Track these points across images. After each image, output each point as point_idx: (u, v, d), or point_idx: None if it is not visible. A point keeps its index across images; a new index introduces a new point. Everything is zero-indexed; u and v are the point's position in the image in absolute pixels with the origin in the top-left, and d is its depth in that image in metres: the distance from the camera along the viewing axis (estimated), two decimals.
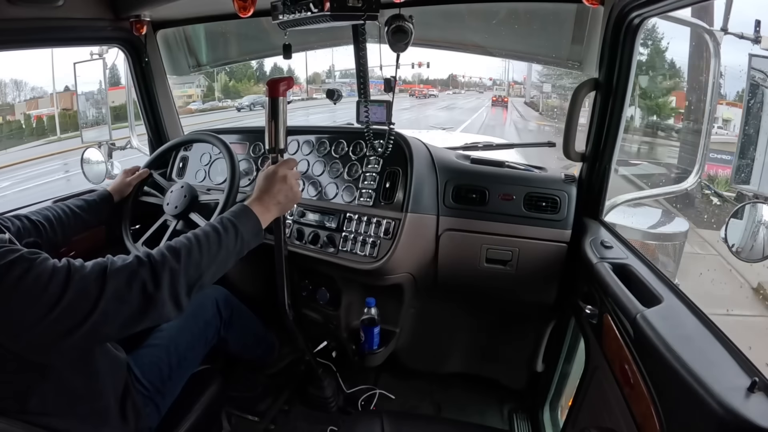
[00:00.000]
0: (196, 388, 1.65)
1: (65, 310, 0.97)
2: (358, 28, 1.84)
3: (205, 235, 1.21)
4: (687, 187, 1.72)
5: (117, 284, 1.03)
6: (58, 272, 1.00)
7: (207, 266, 1.18)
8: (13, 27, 1.74)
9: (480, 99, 34.28)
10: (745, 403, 0.80)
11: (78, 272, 1.02)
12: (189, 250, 1.15)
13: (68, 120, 15.65)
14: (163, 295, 1.08)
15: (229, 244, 1.25)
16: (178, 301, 1.12)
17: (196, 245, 1.17)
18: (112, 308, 1.02)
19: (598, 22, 1.65)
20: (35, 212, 1.67)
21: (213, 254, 1.20)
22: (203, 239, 1.20)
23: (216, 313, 1.81)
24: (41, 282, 0.97)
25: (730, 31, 1.66)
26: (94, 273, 1.03)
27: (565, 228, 1.78)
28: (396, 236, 1.76)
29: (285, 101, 1.60)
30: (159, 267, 1.09)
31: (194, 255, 1.16)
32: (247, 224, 1.31)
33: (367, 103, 1.81)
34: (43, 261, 1.01)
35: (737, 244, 1.38)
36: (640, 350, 1.11)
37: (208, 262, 1.19)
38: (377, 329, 1.98)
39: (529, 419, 2.19)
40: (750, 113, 1.52)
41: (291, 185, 1.44)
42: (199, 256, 1.17)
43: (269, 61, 18.05)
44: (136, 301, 1.05)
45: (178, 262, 1.12)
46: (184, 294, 1.12)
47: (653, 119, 8.86)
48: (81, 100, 2.52)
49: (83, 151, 2.39)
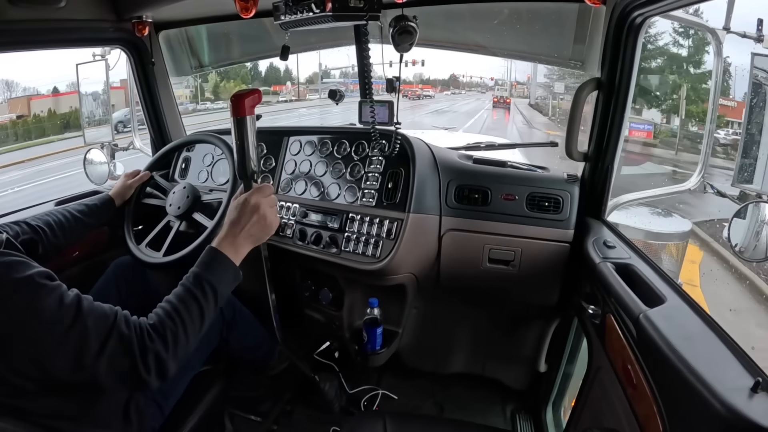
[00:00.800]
0: (198, 389, 1.66)
1: (63, 353, 1.00)
2: (360, 29, 1.84)
3: (188, 311, 1.17)
4: (690, 186, 1.72)
5: (114, 351, 1.05)
6: (66, 309, 1.01)
7: (193, 341, 1.19)
8: (15, 28, 1.74)
9: (480, 100, 32.66)
10: (749, 403, 0.80)
11: (84, 319, 1.03)
12: (175, 335, 1.13)
13: (29, 126, 14.43)
14: (151, 380, 1.09)
15: (209, 308, 1.22)
16: (165, 377, 1.13)
17: (181, 327, 1.15)
18: (103, 371, 1.04)
19: (601, 22, 1.64)
20: (35, 217, 1.67)
21: (197, 328, 1.19)
22: (186, 317, 1.17)
23: (218, 315, 1.81)
24: (47, 315, 0.99)
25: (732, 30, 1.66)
26: (99, 327, 1.04)
27: (568, 228, 1.77)
28: (398, 236, 1.76)
29: (254, 119, 1.57)
30: (151, 354, 1.08)
31: (180, 339, 1.15)
32: (222, 276, 1.26)
33: (372, 104, 1.80)
34: (53, 290, 1.03)
35: (740, 243, 1.38)
36: (643, 350, 1.11)
37: (194, 337, 1.19)
38: (380, 329, 1.98)
39: (532, 419, 2.18)
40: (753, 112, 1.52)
41: (264, 215, 1.35)
42: (185, 337, 1.16)
43: (264, 61, 17.90)
44: (123, 375, 1.07)
45: (167, 350, 1.11)
46: (169, 373, 1.13)
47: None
48: (84, 101, 2.52)
49: (86, 152, 2.39)
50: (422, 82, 34.33)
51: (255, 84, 21.74)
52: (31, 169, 11.66)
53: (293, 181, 2.10)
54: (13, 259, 1.02)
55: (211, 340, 1.77)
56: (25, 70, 13.42)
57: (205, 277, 1.23)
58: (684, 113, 7.56)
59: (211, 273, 1.24)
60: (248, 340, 2.00)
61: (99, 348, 1.02)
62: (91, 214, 1.83)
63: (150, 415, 1.43)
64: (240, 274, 1.32)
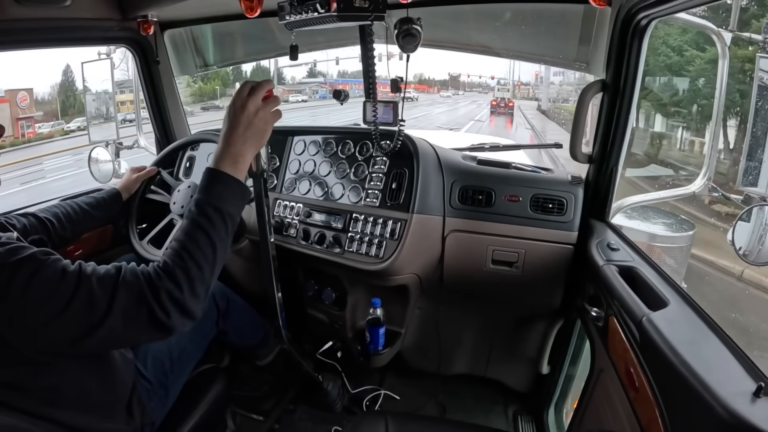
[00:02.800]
0: (200, 387, 1.66)
1: (73, 317, 0.97)
2: (365, 29, 1.84)
3: (194, 241, 1.11)
4: (694, 189, 1.71)
5: (126, 302, 1.01)
6: (69, 276, 0.99)
7: (208, 273, 1.12)
8: (21, 27, 1.75)
9: (477, 103, 30.61)
10: (751, 408, 0.80)
11: (88, 280, 1.00)
12: (186, 270, 1.08)
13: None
14: (173, 322, 1.05)
15: (219, 232, 1.15)
16: (191, 317, 1.09)
17: (191, 261, 1.09)
18: (119, 325, 1.00)
19: (606, 23, 1.64)
20: (43, 210, 1.68)
21: (209, 258, 1.12)
22: (194, 248, 1.11)
23: (212, 306, 1.82)
24: (50, 284, 0.97)
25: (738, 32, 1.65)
26: (104, 284, 1.01)
27: (572, 230, 1.77)
28: (402, 237, 1.76)
29: None
30: (164, 294, 1.04)
31: (193, 272, 1.09)
32: (224, 195, 1.18)
33: (375, 104, 1.80)
34: (54, 262, 1.00)
35: (744, 247, 1.37)
36: (645, 353, 1.11)
37: (209, 269, 1.13)
38: (382, 330, 1.98)
39: (534, 421, 2.18)
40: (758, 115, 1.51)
41: (253, 112, 1.24)
42: (199, 270, 1.10)
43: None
44: (144, 324, 1.03)
45: (181, 288, 1.06)
46: (192, 311, 1.09)
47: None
48: (88, 100, 2.53)
49: (90, 150, 2.40)
50: (420, 82, 33.56)
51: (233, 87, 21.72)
52: None
53: (297, 180, 2.10)
54: (13, 245, 1.00)
55: (206, 330, 1.78)
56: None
57: (206, 200, 1.16)
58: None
59: (212, 195, 1.17)
60: (245, 328, 2.00)
61: (108, 303, 0.99)
62: (99, 207, 1.84)
63: (152, 409, 1.44)
64: (248, 190, 1.25)
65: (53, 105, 19.97)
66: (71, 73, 20.36)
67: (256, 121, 1.25)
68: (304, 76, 29.93)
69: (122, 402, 1.34)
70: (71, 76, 20.42)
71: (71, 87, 20.44)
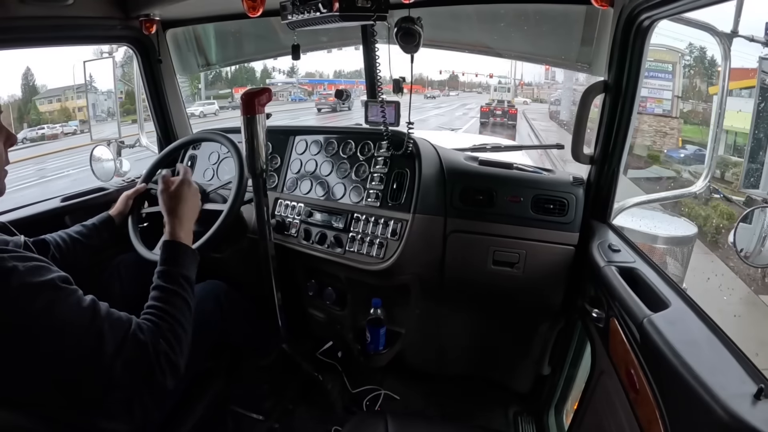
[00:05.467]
0: (201, 386, 1.66)
1: (81, 353, 1.03)
2: (367, 29, 1.84)
3: (175, 307, 1.25)
4: (696, 190, 1.71)
5: (132, 355, 1.09)
6: (85, 311, 1.05)
7: (189, 331, 1.26)
8: (24, 25, 1.75)
9: (468, 107, 26.41)
10: (752, 410, 0.80)
11: (102, 322, 1.07)
12: (175, 333, 1.20)
13: None
14: (167, 381, 1.15)
15: (189, 295, 1.32)
16: (177, 377, 1.19)
17: (177, 325, 1.22)
18: (119, 371, 1.06)
19: (608, 24, 1.64)
20: (33, 239, 1.64)
21: (188, 318, 1.28)
22: (177, 313, 1.24)
23: (216, 307, 1.81)
24: (66, 316, 1.02)
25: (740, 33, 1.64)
26: (117, 333, 1.08)
27: (573, 231, 1.77)
28: (403, 237, 1.76)
29: (264, 118, 1.59)
30: (163, 357, 1.14)
31: (180, 335, 1.22)
32: (187, 263, 1.38)
33: (383, 104, 1.80)
34: (72, 293, 1.06)
35: (746, 248, 1.37)
36: (646, 355, 1.11)
37: (189, 329, 1.27)
38: (383, 330, 1.98)
39: (535, 422, 2.18)
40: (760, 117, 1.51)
41: (188, 194, 1.57)
42: (183, 332, 1.24)
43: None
44: (139, 378, 1.12)
45: (174, 351, 1.17)
46: (180, 370, 1.19)
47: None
48: (90, 99, 2.53)
49: (92, 149, 2.40)
50: (419, 83, 32.06)
51: (214, 87, 21.50)
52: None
53: (299, 180, 2.10)
54: (35, 263, 1.03)
55: (210, 332, 1.78)
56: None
57: (176, 271, 1.33)
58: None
59: (178, 264, 1.35)
60: (246, 328, 2.00)
61: (115, 350, 1.05)
62: (90, 236, 1.78)
63: (152, 409, 1.44)
64: (197, 254, 1.45)
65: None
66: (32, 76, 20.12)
67: (196, 198, 1.61)
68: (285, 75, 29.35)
69: (123, 401, 1.35)
70: (32, 80, 20.20)
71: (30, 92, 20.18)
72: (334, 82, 29.12)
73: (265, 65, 28.28)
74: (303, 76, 29.29)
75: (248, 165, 1.59)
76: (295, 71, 27.93)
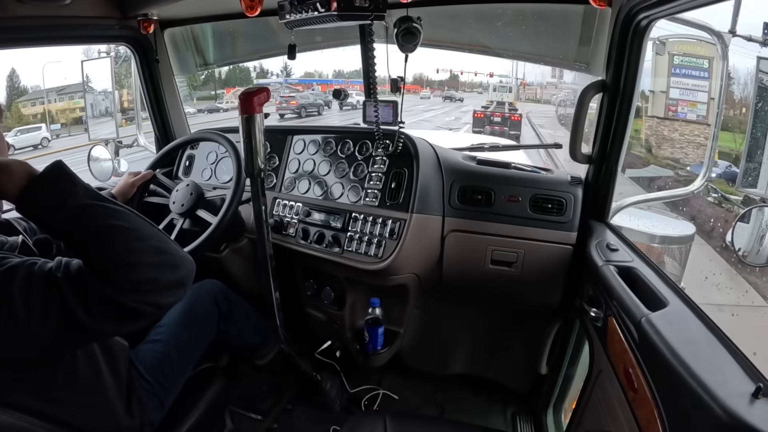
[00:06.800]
0: (199, 386, 1.66)
1: (55, 325, 0.96)
2: (365, 28, 1.84)
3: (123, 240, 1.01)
4: (693, 190, 1.72)
5: (103, 308, 0.98)
6: (41, 281, 0.97)
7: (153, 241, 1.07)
8: (21, 25, 1.75)
9: (462, 110, 23.78)
10: (750, 409, 0.80)
11: (60, 284, 0.97)
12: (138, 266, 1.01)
13: None
14: (164, 303, 1.06)
15: (115, 214, 1.05)
16: (175, 293, 1.07)
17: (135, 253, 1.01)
18: (105, 325, 1.01)
19: (606, 24, 1.64)
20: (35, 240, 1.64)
21: (139, 232, 1.06)
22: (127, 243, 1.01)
23: (214, 307, 1.81)
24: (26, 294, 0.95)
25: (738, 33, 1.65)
26: (78, 290, 0.97)
27: (571, 230, 1.77)
28: (401, 237, 1.76)
29: (262, 117, 1.58)
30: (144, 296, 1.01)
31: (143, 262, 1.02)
32: (55, 198, 1.00)
33: (376, 104, 1.80)
34: (28, 268, 0.98)
35: (744, 248, 1.37)
36: (644, 354, 1.11)
37: (150, 238, 1.07)
38: (381, 329, 1.98)
39: (533, 422, 2.18)
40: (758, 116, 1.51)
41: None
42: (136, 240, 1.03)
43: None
44: (135, 319, 1.03)
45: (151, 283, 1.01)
46: (174, 280, 1.06)
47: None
48: (88, 99, 2.53)
49: (90, 149, 2.39)
50: (418, 83, 31.07)
51: (205, 87, 21.30)
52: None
53: (297, 180, 2.10)
54: (10, 262, 0.99)
55: (207, 331, 1.78)
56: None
57: (55, 225, 1.02)
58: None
59: (50, 214, 1.01)
60: (245, 329, 2.00)
61: (85, 310, 0.96)
62: None
63: (151, 409, 1.44)
64: (57, 163, 1.04)
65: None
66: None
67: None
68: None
69: (120, 401, 1.35)
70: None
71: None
72: (324, 82, 28.62)
73: (261, 65, 27.75)
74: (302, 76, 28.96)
75: (246, 165, 1.59)
76: (288, 71, 27.38)
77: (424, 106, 26.07)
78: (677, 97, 5.96)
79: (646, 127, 6.96)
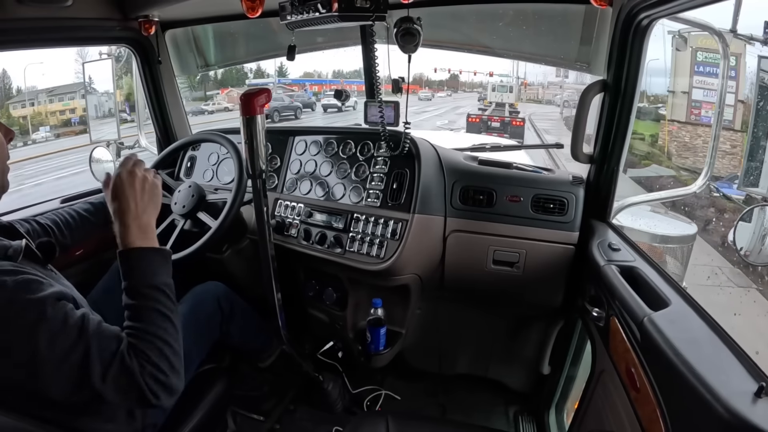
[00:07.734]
0: (201, 387, 1.66)
1: (64, 373, 1.00)
2: (366, 29, 1.83)
3: (157, 325, 1.13)
4: (695, 189, 1.71)
5: (119, 380, 1.04)
6: (71, 329, 1.01)
7: (175, 342, 1.16)
8: (22, 27, 1.75)
9: (457, 111, 21.88)
10: (752, 408, 0.80)
11: (89, 340, 1.02)
12: (160, 351, 1.11)
13: None
14: (162, 402, 1.10)
15: (169, 306, 1.19)
16: (175, 393, 1.14)
17: (159, 341, 1.12)
18: (110, 392, 1.04)
19: (607, 23, 1.64)
20: (43, 216, 1.67)
21: (169, 330, 1.16)
22: (154, 328, 1.13)
23: (217, 309, 1.82)
24: (50, 334, 0.99)
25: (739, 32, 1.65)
26: (104, 353, 1.03)
27: (573, 230, 1.77)
28: (403, 237, 1.76)
29: (263, 118, 1.58)
30: (151, 380, 1.07)
31: (165, 350, 1.12)
32: (148, 269, 1.18)
33: (381, 104, 1.80)
34: (60, 309, 1.02)
35: (745, 247, 1.37)
36: (646, 354, 1.11)
37: (175, 339, 1.17)
38: (383, 330, 1.97)
39: (535, 422, 2.18)
40: (759, 115, 1.51)
41: (139, 178, 1.28)
42: (168, 346, 1.13)
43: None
44: (133, 400, 1.08)
45: (161, 371, 1.09)
46: (175, 387, 1.13)
47: None
48: (89, 100, 2.54)
49: (91, 150, 2.39)
50: (413, 81, 30.54)
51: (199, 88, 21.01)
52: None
53: (298, 180, 2.10)
54: (28, 277, 1.02)
55: (210, 333, 1.78)
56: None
57: (136, 285, 1.17)
58: None
59: (138, 277, 1.17)
60: (248, 330, 2.00)
61: (102, 372, 1.02)
62: (98, 213, 1.82)
63: (153, 411, 1.44)
64: (167, 251, 1.25)
65: None
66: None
67: (147, 185, 1.29)
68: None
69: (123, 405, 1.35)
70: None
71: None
72: (318, 83, 28.25)
73: (258, 66, 27.41)
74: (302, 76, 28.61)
75: (248, 166, 1.59)
76: (284, 71, 26.69)
77: (418, 107, 25.12)
78: (700, 98, 5.40)
79: (666, 132, 6.43)
